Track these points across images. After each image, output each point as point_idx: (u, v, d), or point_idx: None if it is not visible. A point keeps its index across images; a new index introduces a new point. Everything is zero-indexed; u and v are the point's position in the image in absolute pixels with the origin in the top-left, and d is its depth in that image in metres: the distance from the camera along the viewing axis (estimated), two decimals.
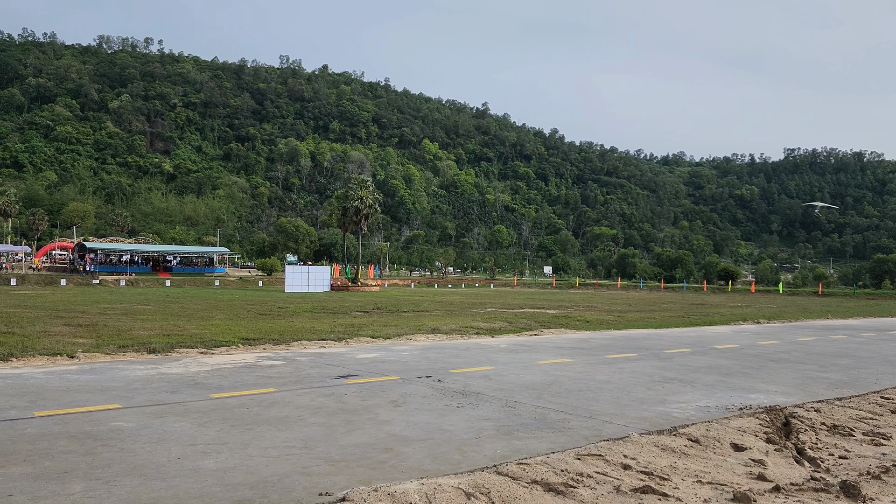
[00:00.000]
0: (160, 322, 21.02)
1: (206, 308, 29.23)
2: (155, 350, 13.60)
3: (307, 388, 9.58)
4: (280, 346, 15.07)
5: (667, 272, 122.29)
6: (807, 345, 18.20)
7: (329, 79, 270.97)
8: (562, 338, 18.69)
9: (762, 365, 13.50)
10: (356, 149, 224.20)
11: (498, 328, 21.27)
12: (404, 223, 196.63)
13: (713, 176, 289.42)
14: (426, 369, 11.62)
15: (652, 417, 8.22)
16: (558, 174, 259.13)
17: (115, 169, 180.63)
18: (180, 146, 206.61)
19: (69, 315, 23.39)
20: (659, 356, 14.54)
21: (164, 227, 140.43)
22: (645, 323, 25.50)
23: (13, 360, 11.75)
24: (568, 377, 11.12)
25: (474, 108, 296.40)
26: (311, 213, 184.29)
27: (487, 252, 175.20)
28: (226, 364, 11.79)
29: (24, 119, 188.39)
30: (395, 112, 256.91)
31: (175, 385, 9.54)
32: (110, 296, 40.54)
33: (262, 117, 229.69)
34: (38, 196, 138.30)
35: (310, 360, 12.52)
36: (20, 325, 18.84)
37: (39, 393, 8.73)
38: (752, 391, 10.32)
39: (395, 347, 15.19)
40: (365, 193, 66.71)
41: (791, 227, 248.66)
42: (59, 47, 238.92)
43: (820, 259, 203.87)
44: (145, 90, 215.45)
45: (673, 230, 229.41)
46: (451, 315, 27.34)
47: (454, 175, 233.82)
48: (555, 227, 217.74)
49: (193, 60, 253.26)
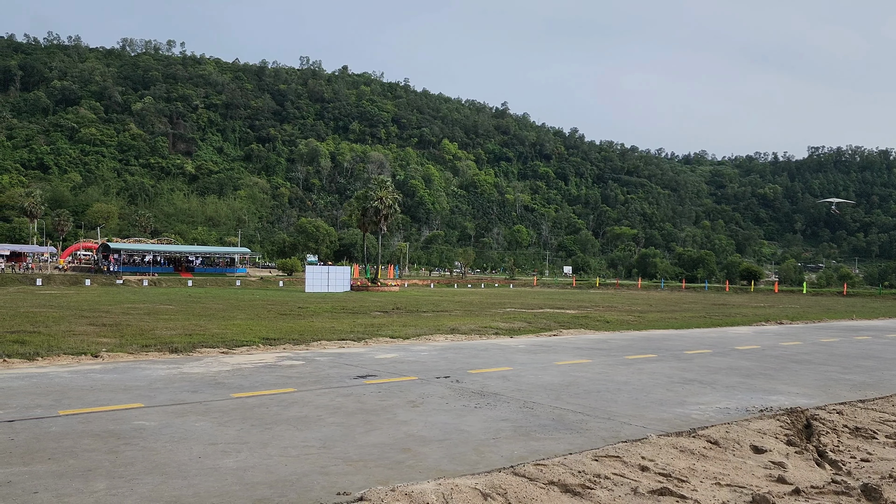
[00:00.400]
0: (182, 322, 21.26)
1: (228, 308, 29.50)
2: (177, 350, 13.77)
3: (326, 388, 9.65)
4: (300, 345, 15.18)
5: (688, 272, 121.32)
6: (830, 346, 17.97)
7: (349, 79, 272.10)
8: (581, 338, 18.62)
9: (784, 366, 13.36)
10: (376, 149, 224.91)
11: (517, 328, 21.24)
12: (424, 223, 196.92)
13: (735, 175, 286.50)
14: (445, 370, 11.64)
15: (671, 419, 8.17)
16: (578, 174, 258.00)
17: (138, 170, 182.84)
18: (202, 147, 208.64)
19: (93, 315, 23.72)
20: (679, 357, 14.45)
21: (186, 227, 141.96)
22: (665, 323, 25.33)
23: (39, 359, 11.96)
24: (586, 378, 11.09)
25: (494, 108, 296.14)
26: (332, 213, 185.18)
27: (507, 252, 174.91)
28: (246, 364, 11.91)
29: (49, 121, 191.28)
30: (414, 112, 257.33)
31: (196, 384, 9.65)
32: (133, 296, 41.05)
33: (283, 118, 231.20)
34: (64, 197, 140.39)
35: (329, 361, 12.60)
36: (45, 325, 19.15)
37: (64, 392, 8.88)
38: (774, 393, 10.22)
39: (414, 348, 15.23)
40: (384, 194, 66.94)
41: (815, 226, 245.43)
42: (83, 50, 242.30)
43: (845, 259, 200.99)
44: (168, 92, 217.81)
45: (694, 230, 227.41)
46: (470, 315, 27.35)
47: (473, 175, 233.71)
48: (575, 227, 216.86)
49: (215, 62, 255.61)
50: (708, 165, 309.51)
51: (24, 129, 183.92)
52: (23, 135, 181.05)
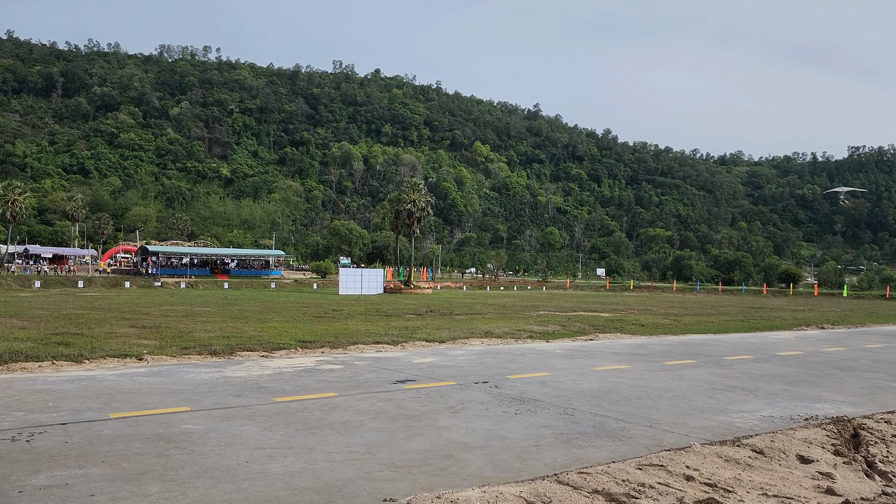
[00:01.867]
0: (220, 324, 21.60)
1: (263, 310, 29.89)
2: (216, 352, 14.00)
3: (366, 392, 9.73)
4: (337, 349, 15.32)
5: (724, 274, 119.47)
6: (875, 352, 17.58)
7: (381, 83, 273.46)
8: (618, 343, 18.48)
9: (828, 373, 13.11)
10: (408, 152, 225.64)
11: (552, 332, 21.16)
12: (456, 225, 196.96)
13: (773, 175, 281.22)
14: (482, 374, 11.66)
15: (714, 427, 8.09)
16: (611, 175, 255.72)
17: (175, 174, 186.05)
18: (237, 151, 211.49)
19: (134, 316, 24.23)
20: (719, 363, 14.27)
21: (221, 230, 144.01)
22: (703, 327, 25.01)
23: (86, 361, 12.26)
24: (626, 384, 11.02)
25: (526, 110, 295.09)
26: (364, 215, 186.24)
27: (539, 254, 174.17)
28: (286, 368, 12.06)
29: (90, 126, 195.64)
30: (446, 115, 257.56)
31: (239, 388, 9.81)
32: (171, 297, 41.81)
33: (316, 122, 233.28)
34: (104, 201, 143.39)
35: (367, 365, 12.70)
36: (88, 327, 19.62)
37: (112, 395, 9.10)
38: (818, 401, 10.05)
39: (451, 352, 15.27)
40: (417, 196, 67.21)
41: (856, 227, 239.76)
42: (122, 57, 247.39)
43: (887, 261, 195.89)
44: (204, 97, 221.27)
45: (731, 231, 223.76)
46: (504, 318, 27.31)
47: (506, 177, 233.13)
48: (608, 229, 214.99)
49: (250, 67, 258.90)
50: (744, 166, 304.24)
51: (65, 135, 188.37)
52: (64, 140, 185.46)
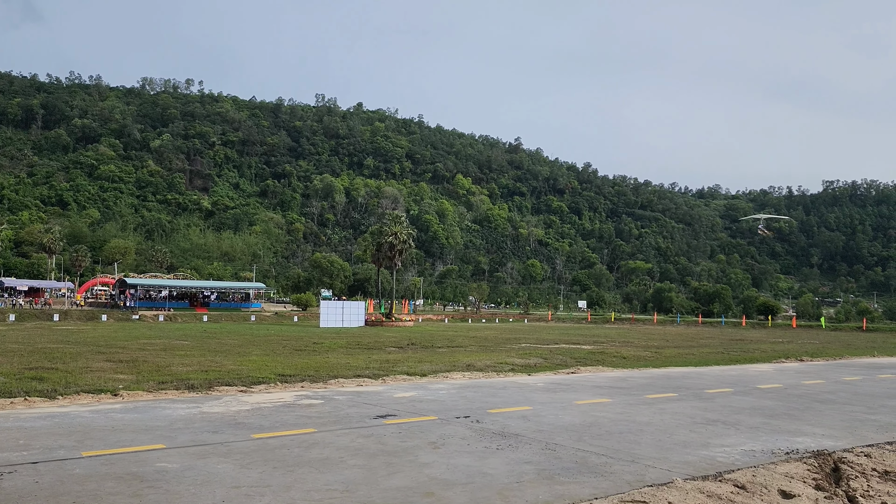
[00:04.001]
0: (198, 358, 21.31)
1: (243, 343, 29.55)
2: (194, 387, 13.78)
3: (346, 428, 9.60)
4: (317, 383, 15.15)
5: (704, 307, 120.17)
6: (853, 385, 17.70)
7: (364, 116, 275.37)
8: (599, 376, 18.46)
9: (808, 406, 13.16)
10: (390, 184, 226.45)
11: (533, 365, 21.11)
12: (438, 258, 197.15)
13: (750, 209, 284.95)
14: (464, 409, 11.57)
15: (696, 462, 8.06)
16: (592, 208, 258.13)
17: (155, 206, 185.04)
18: (218, 183, 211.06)
19: (110, 350, 23.84)
20: (700, 396, 14.28)
21: (201, 262, 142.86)
22: (683, 360, 25.07)
23: (59, 397, 12.01)
24: (608, 418, 10.98)
25: (507, 143, 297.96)
26: (346, 248, 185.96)
27: (521, 287, 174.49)
28: (265, 403, 11.89)
29: (69, 158, 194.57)
30: (428, 148, 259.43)
31: (216, 425, 9.64)
32: (149, 331, 41.23)
33: (298, 154, 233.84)
34: (82, 233, 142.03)
35: (348, 399, 12.56)
36: (63, 361, 19.27)
37: (86, 432, 8.89)
38: (799, 434, 10.06)
39: (432, 386, 15.15)
40: (399, 229, 67.26)
41: (832, 260, 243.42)
42: (104, 89, 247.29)
43: (863, 293, 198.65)
44: (186, 129, 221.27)
45: (710, 264, 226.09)
46: (485, 351, 27.21)
47: (487, 210, 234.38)
48: (589, 262, 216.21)
49: (232, 100, 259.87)
50: (722, 199, 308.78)
51: (44, 167, 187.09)
52: (43, 172, 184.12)
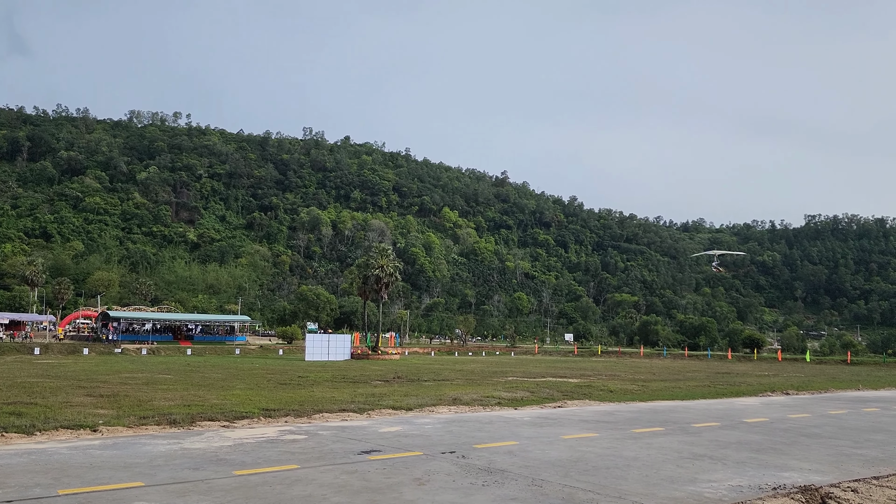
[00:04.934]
0: (181, 392, 21.01)
1: (227, 377, 29.20)
2: (176, 422, 13.55)
3: (330, 464, 9.45)
4: (301, 418, 14.95)
5: (690, 339, 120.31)
6: (839, 418, 17.70)
7: (351, 149, 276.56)
8: (586, 410, 18.36)
9: (794, 440, 13.13)
10: (377, 217, 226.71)
11: (520, 398, 20.96)
12: (424, 291, 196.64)
13: (734, 242, 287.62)
14: (449, 444, 11.44)
15: (683, 497, 7.99)
16: (578, 241, 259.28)
17: (140, 238, 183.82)
18: (205, 216, 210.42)
19: (91, 385, 23.46)
20: (687, 430, 14.21)
21: (186, 295, 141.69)
22: (670, 393, 25.01)
23: (37, 433, 11.76)
24: (594, 453, 10.89)
25: (493, 177, 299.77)
26: (332, 281, 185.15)
27: (508, 319, 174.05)
28: (248, 438, 11.70)
29: (54, 191, 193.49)
30: (415, 181, 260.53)
31: (198, 461, 9.46)
32: (132, 365, 40.67)
33: (285, 187, 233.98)
34: (65, 265, 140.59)
35: (332, 434, 12.39)
36: (42, 396, 18.93)
37: (63, 470, 8.70)
38: (786, 469, 10.02)
39: (418, 420, 15.00)
40: (385, 262, 67.17)
41: (816, 293, 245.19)
42: (91, 122, 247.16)
43: (847, 326, 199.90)
44: (172, 162, 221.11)
45: (695, 297, 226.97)
46: (472, 384, 27.03)
47: (474, 243, 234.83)
48: (575, 294, 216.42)
49: (220, 133, 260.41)
50: (706, 233, 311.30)
51: (28, 199, 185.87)
52: (27, 204, 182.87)
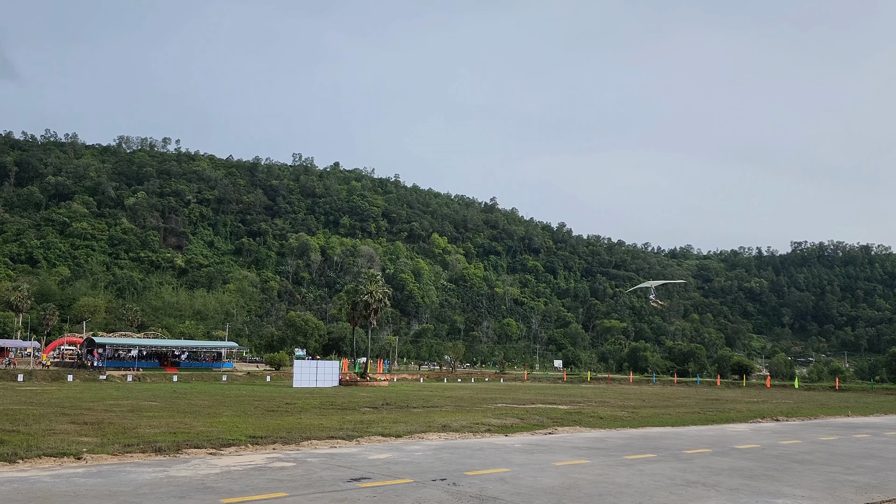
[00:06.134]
0: (166, 419, 20.71)
1: (214, 404, 28.85)
2: (161, 449, 13.33)
3: (319, 492, 9.30)
4: (289, 445, 14.76)
5: (679, 366, 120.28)
6: (830, 444, 17.67)
7: (340, 175, 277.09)
8: (577, 437, 18.23)
9: (786, 467, 13.07)
10: (366, 243, 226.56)
11: (510, 425, 20.80)
12: (413, 317, 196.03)
13: (722, 269, 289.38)
14: (440, 471, 11.30)
15: None
16: (567, 267, 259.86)
17: (127, 264, 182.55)
18: (193, 241, 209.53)
19: (75, 412, 23.10)
20: (679, 457, 14.12)
21: (173, 321, 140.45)
22: (660, 420, 24.91)
23: (19, 461, 11.53)
24: (587, 480, 10.78)
25: (483, 203, 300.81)
26: (321, 307, 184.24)
27: (497, 346, 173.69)
28: (235, 466, 11.52)
29: (41, 216, 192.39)
30: (404, 207, 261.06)
31: (184, 489, 9.28)
32: (117, 392, 40.13)
33: (274, 213, 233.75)
34: (51, 291, 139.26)
35: (321, 462, 12.22)
36: (25, 423, 18.61)
37: (46, 498, 8.51)
38: (779, 496, 9.95)
39: (408, 447, 14.83)
40: (374, 287, 66.98)
41: (803, 319, 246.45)
42: (79, 147, 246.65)
43: (834, 352, 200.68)
44: (161, 187, 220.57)
45: (683, 323, 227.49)
46: (461, 411, 26.82)
47: (463, 269, 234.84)
48: (564, 320, 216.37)
49: (209, 159, 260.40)
50: (694, 259, 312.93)
51: (15, 224, 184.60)
52: (13, 229, 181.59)
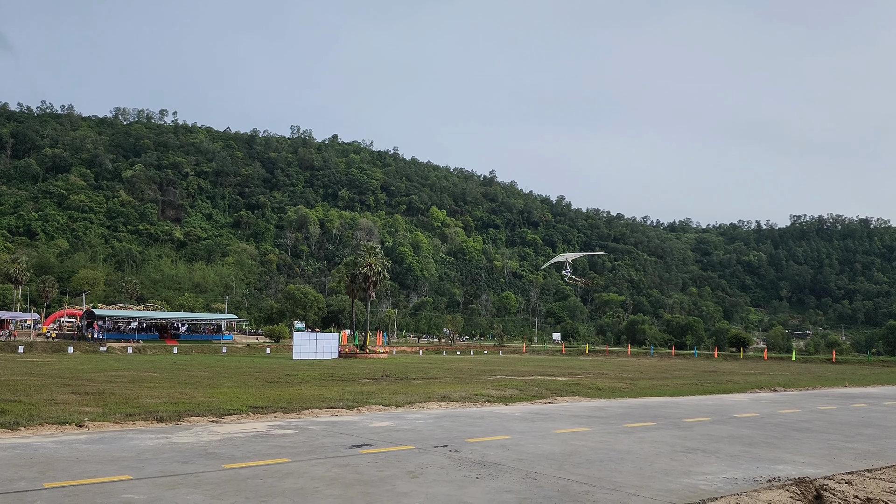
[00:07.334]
0: (167, 390, 20.78)
1: (214, 375, 28.95)
2: (163, 418, 13.38)
3: (321, 458, 9.33)
4: (290, 414, 14.81)
5: (677, 339, 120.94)
6: (829, 413, 17.77)
7: (339, 148, 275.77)
8: (577, 406, 18.32)
9: (786, 434, 13.14)
10: (364, 216, 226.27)
11: (509, 396, 20.89)
12: (412, 290, 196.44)
13: (720, 242, 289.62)
14: (441, 438, 11.34)
15: (678, 490, 7.93)
16: (565, 240, 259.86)
17: (126, 236, 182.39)
18: (191, 214, 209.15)
19: (76, 383, 23.18)
20: (678, 425, 14.19)
21: (173, 293, 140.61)
22: (658, 391, 25.04)
23: (21, 429, 11.55)
24: (587, 447, 10.83)
25: (482, 176, 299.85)
26: (320, 279, 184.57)
27: (495, 319, 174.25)
28: (237, 433, 11.55)
29: (38, 188, 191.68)
30: (403, 180, 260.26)
31: (186, 455, 9.31)
32: (117, 363, 40.28)
33: (273, 186, 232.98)
34: (49, 263, 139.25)
35: (322, 429, 12.26)
36: (27, 393, 18.66)
37: (49, 463, 8.53)
38: (779, 462, 10.00)
39: (409, 416, 14.89)
40: (373, 260, 66.94)
41: (801, 293, 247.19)
42: (75, 119, 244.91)
43: (831, 325, 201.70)
44: (158, 160, 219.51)
45: (682, 296, 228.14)
46: (460, 382, 26.95)
47: (462, 242, 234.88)
48: (563, 294, 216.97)
49: (206, 131, 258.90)
50: (693, 233, 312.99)
51: (12, 196, 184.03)
52: (11, 202, 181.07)
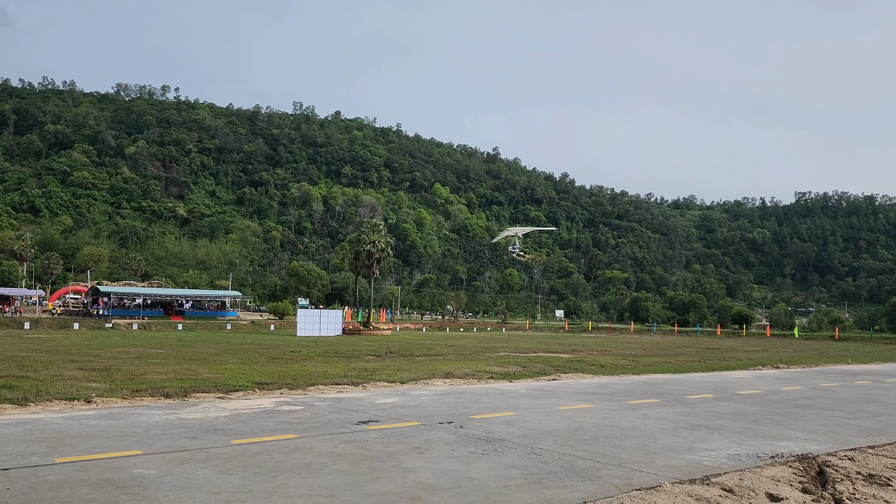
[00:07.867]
0: (173, 366, 20.93)
1: (219, 352, 29.14)
2: (170, 394, 13.50)
3: (328, 433, 9.43)
4: (296, 390, 14.93)
5: (680, 316, 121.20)
6: (832, 390, 17.85)
7: (342, 124, 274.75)
8: (580, 382, 18.43)
9: (788, 411, 13.22)
10: (368, 193, 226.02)
11: (513, 373, 21.01)
12: (416, 267, 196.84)
13: (724, 219, 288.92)
14: (447, 415, 11.44)
15: (682, 465, 8.01)
16: (569, 218, 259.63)
17: (129, 213, 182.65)
18: (194, 191, 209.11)
19: (82, 359, 23.35)
20: (682, 402, 14.28)
21: (177, 270, 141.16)
22: (661, 368, 25.15)
23: (30, 404, 11.68)
24: (592, 423, 10.92)
25: (485, 153, 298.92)
26: (323, 256, 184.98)
27: (499, 296, 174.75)
28: (244, 409, 11.67)
29: (41, 165, 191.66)
30: (406, 157, 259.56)
31: (195, 431, 9.41)
32: (123, 339, 40.55)
33: (276, 162, 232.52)
34: (54, 240, 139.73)
35: (328, 406, 12.37)
36: (34, 369, 18.80)
37: (59, 438, 8.63)
38: (782, 438, 10.07)
39: (414, 392, 15.00)
40: (377, 237, 66.96)
41: (804, 270, 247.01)
42: (77, 95, 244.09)
43: (835, 303, 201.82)
44: (161, 136, 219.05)
45: (685, 273, 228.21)
46: (464, 359, 27.09)
47: (465, 219, 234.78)
48: (566, 271, 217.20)
49: (209, 107, 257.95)
50: (697, 210, 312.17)
51: (15, 173, 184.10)
52: (14, 178, 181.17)
